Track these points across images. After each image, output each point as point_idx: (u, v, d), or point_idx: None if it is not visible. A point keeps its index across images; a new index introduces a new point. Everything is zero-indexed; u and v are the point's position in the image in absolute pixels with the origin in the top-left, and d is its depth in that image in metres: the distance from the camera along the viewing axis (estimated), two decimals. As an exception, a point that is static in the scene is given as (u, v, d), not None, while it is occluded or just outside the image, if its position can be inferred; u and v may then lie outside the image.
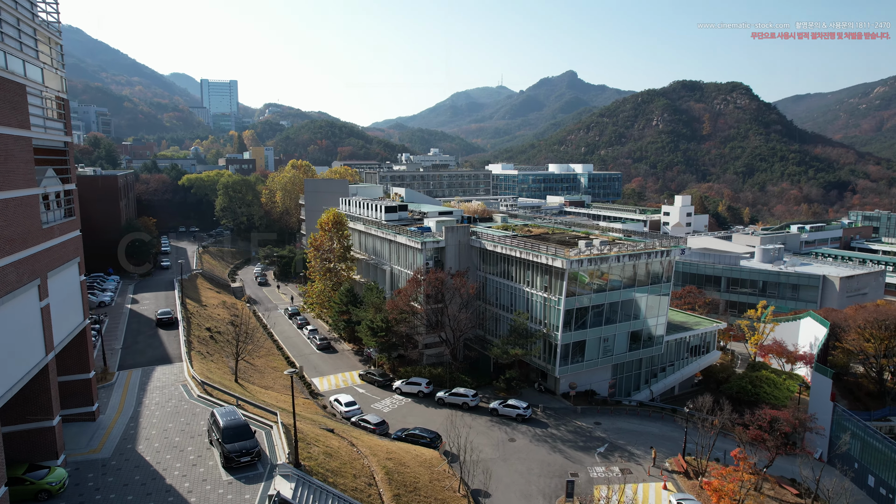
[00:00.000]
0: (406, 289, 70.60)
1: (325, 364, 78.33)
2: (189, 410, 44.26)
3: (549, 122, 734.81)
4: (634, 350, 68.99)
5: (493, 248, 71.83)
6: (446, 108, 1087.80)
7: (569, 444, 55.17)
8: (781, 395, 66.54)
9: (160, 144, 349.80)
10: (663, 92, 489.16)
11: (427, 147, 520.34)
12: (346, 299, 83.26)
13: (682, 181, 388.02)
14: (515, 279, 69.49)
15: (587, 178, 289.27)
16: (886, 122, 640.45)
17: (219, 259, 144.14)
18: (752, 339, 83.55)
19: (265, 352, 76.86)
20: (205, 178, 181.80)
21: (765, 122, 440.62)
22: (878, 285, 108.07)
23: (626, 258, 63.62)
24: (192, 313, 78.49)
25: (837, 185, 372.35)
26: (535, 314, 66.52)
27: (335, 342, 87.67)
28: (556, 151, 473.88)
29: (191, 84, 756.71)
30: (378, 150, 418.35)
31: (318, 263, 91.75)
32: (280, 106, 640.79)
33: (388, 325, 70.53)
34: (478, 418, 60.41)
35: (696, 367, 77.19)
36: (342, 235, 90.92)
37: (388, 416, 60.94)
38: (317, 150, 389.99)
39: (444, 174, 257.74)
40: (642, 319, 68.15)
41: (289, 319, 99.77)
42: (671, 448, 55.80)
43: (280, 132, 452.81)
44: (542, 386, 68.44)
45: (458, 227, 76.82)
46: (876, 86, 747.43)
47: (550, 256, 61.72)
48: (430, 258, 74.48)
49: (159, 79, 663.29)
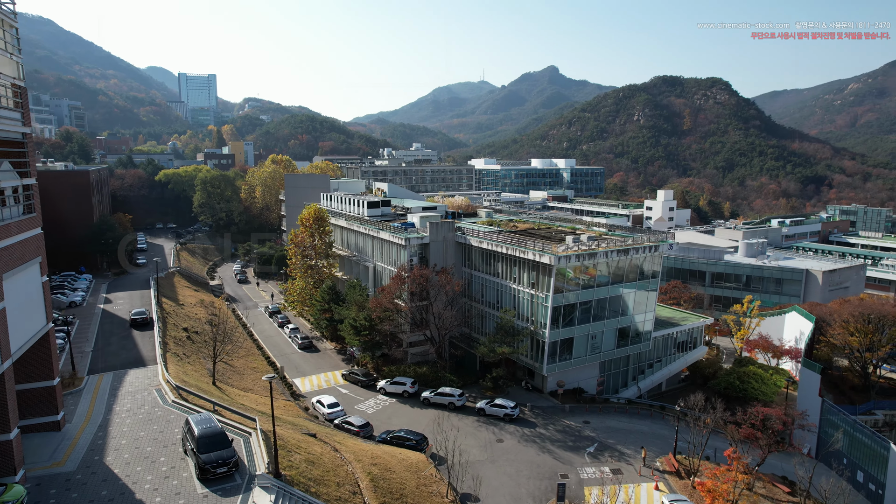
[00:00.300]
0: (390, 286, 68.81)
1: (306, 364, 76.26)
2: (163, 417, 41.96)
3: (530, 117, 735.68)
4: (622, 347, 68.04)
5: (478, 244, 70.29)
6: (428, 102, 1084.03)
7: (558, 444, 53.96)
8: (769, 390, 66.15)
9: (136, 139, 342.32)
10: (644, 87, 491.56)
11: (409, 142, 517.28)
12: (329, 297, 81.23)
13: (663, 176, 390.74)
14: (502, 276, 68.06)
15: (570, 173, 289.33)
16: (860, 117, 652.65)
17: (197, 256, 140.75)
18: (739, 333, 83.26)
19: (245, 352, 74.56)
20: (182, 174, 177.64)
21: (744, 118, 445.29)
22: (859, 279, 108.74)
23: (615, 254, 62.51)
24: (168, 313, 75.85)
25: (814, 180, 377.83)
26: (521, 311, 65.17)
27: (317, 341, 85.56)
28: (538, 146, 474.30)
29: (168, 78, 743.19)
30: (360, 144, 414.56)
31: (298, 260, 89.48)
32: (260, 100, 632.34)
33: (372, 323, 68.72)
34: (464, 418, 58.95)
35: (683, 363, 76.59)
36: (323, 232, 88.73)
37: (373, 417, 59.21)
38: (297, 145, 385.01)
39: (426, 169, 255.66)
40: (630, 316, 67.18)
41: (269, 318, 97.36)
42: (661, 447, 54.90)
43: (260, 127, 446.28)
44: (530, 384, 67.20)
45: (443, 222, 75.15)
46: (850, 82, 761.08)
47: (538, 252, 60.36)
48: (415, 255, 72.74)
49: (135, 72, 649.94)
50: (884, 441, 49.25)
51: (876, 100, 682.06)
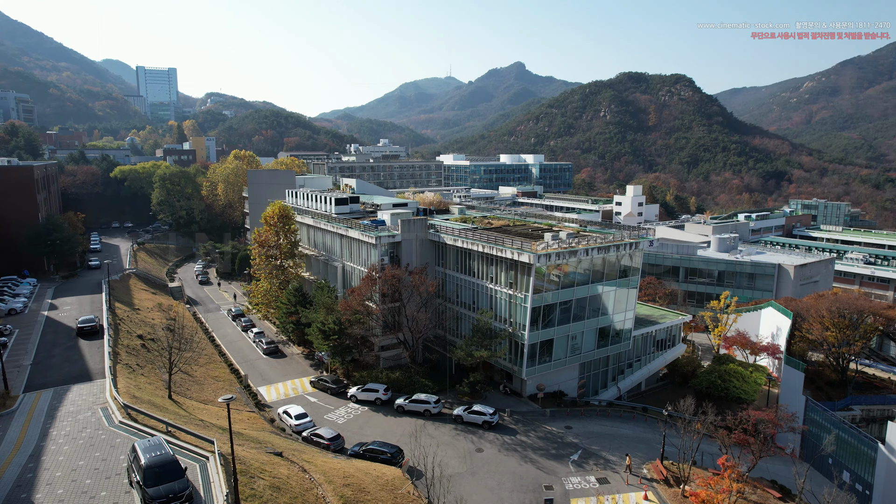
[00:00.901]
0: (360, 287, 65.17)
1: (272, 370, 72.09)
2: (107, 441, 37.50)
3: (498, 112, 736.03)
4: (603, 347, 65.92)
5: (453, 242, 67.16)
6: (395, 98, 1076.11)
7: (540, 452, 51.35)
8: (750, 388, 64.95)
9: (92, 134, 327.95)
10: (610, 83, 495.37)
11: (376, 138, 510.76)
12: (295, 299, 77.08)
13: (629, 171, 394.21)
14: (478, 275, 65.10)
15: (538, 169, 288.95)
16: (815, 115, 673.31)
17: (156, 257, 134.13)
18: (716, 330, 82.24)
19: (206, 359, 69.97)
20: (140, 170, 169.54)
21: (707, 114, 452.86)
22: (829, 272, 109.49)
23: (595, 251, 60.18)
24: (121, 319, 70.60)
25: (775, 175, 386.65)
26: (499, 312, 62.35)
27: (283, 345, 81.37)
28: (506, 142, 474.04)
29: (126, 71, 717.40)
30: (326, 140, 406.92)
31: (263, 261, 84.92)
32: (223, 95, 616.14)
33: (341, 326, 65.02)
34: (441, 427, 55.88)
35: (663, 362, 75.06)
36: (289, 230, 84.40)
37: (344, 427, 55.68)
38: (262, 141, 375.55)
39: (394, 165, 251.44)
40: (610, 315, 65.07)
41: (232, 321, 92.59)
42: (646, 451, 52.85)
43: (223, 122, 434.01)
44: (508, 388, 64.49)
45: (415, 220, 71.79)
46: (805, 81, 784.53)
47: (516, 251, 57.56)
48: (386, 254, 69.23)
49: (90, 65, 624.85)
50: (871, 441, 48.12)
51: (829, 98, 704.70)
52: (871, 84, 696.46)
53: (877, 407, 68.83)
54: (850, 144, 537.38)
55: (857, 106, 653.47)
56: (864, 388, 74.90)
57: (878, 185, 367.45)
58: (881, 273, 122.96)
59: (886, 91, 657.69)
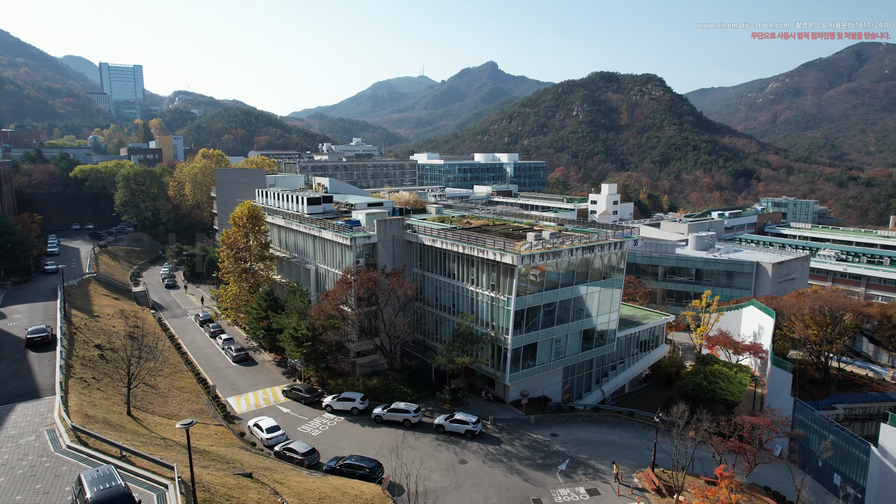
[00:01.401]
0: (334, 291, 61.99)
1: (242, 379, 68.42)
2: (51, 471, 33.63)
3: (471, 112, 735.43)
4: (587, 350, 63.98)
5: (431, 242, 64.45)
6: (367, 97, 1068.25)
7: (526, 462, 49.02)
8: (736, 389, 63.68)
9: (52, 133, 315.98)
10: (582, 83, 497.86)
11: (349, 137, 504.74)
12: (266, 304, 73.45)
13: (602, 170, 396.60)
14: (458, 277, 62.51)
15: (513, 168, 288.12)
16: (780, 115, 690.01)
17: (119, 260, 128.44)
18: (698, 330, 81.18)
19: (171, 369, 66.06)
20: (102, 170, 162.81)
21: (678, 113, 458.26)
22: (804, 270, 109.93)
23: (580, 251, 58.14)
24: (77, 328, 66.11)
25: (744, 174, 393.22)
26: (481, 316, 59.87)
27: (254, 352, 77.66)
28: (479, 141, 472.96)
29: (89, 68, 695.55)
30: (298, 139, 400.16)
31: (231, 263, 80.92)
32: (191, 94, 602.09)
33: (315, 332, 61.78)
34: (422, 437, 53.16)
35: (647, 363, 73.62)
36: (259, 231, 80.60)
37: (319, 440, 52.58)
38: (231, 140, 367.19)
39: (368, 164, 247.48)
40: (595, 316, 63.16)
41: (200, 327, 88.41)
42: (635, 459, 50.99)
43: (191, 121, 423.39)
44: (490, 394, 62.06)
45: (392, 220, 68.88)
46: (770, 81, 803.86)
47: (499, 252, 55.14)
48: (361, 255, 66.20)
49: (50, 61, 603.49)
50: (864, 444, 47.00)
51: (793, 98, 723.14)
52: (831, 85, 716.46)
53: (859, 405, 68.37)
54: (814, 144, 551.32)
55: (819, 106, 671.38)
56: (846, 386, 74.59)
57: (841, 184, 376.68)
58: (853, 270, 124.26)
59: (846, 92, 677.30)
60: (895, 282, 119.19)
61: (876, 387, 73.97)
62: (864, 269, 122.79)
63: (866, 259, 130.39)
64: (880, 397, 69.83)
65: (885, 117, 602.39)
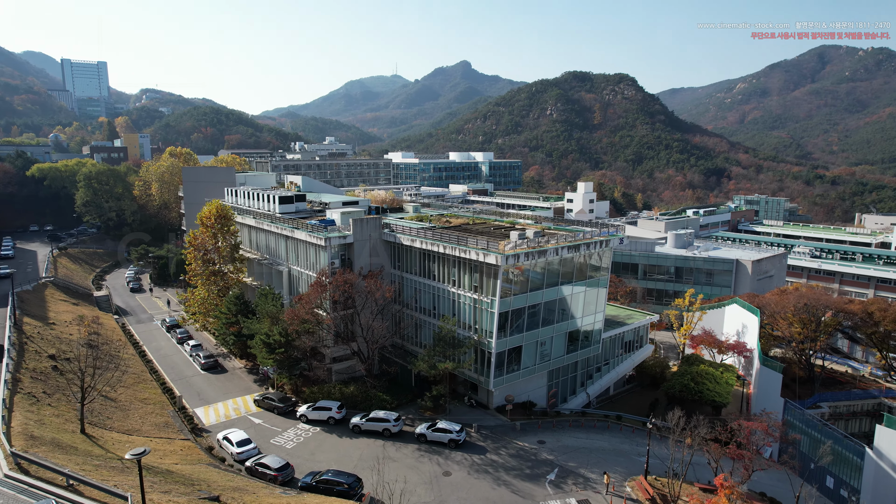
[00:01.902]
0: (308, 294, 58.80)
1: (211, 388, 64.73)
2: (-13, 504, 30.09)
3: (444, 111, 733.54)
4: (572, 352, 61.97)
5: (410, 242, 61.65)
6: (340, 96, 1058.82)
7: (513, 472, 46.65)
8: (723, 390, 62.42)
9: (9, 131, 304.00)
10: (556, 82, 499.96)
11: (321, 136, 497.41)
12: (236, 308, 69.76)
13: (576, 169, 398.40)
14: (439, 278, 59.84)
15: (488, 167, 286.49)
16: (748, 115, 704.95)
17: (81, 263, 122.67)
18: (682, 329, 79.99)
19: (133, 378, 62.11)
20: (62, 168, 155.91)
21: (650, 112, 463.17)
22: (782, 267, 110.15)
23: (565, 250, 56.01)
24: (29, 337, 61.64)
25: (715, 172, 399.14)
26: (463, 318, 57.32)
27: (224, 359, 73.95)
28: (453, 140, 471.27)
29: (50, 64, 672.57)
30: (269, 138, 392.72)
31: (199, 266, 76.96)
32: (159, 92, 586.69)
33: (288, 338, 58.56)
34: (403, 448, 50.43)
35: (631, 364, 72.01)
36: (228, 232, 76.84)
37: (293, 453, 49.46)
38: (201, 139, 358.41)
39: (341, 163, 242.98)
40: (580, 317, 61.16)
41: (167, 333, 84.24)
42: (626, 466, 49.03)
43: (159, 119, 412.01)
44: (473, 400, 59.57)
45: (368, 219, 65.86)
46: (737, 82, 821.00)
47: (481, 251, 52.64)
48: (336, 256, 63.07)
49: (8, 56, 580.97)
50: (858, 446, 45.82)
51: (760, 99, 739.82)
52: (796, 86, 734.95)
53: (843, 403, 67.84)
54: (781, 143, 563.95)
55: (784, 107, 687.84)
56: (829, 383, 74.13)
57: (808, 182, 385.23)
58: (827, 266, 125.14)
59: (810, 93, 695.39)
60: (868, 278, 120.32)
61: (859, 384, 73.67)
62: (837, 266, 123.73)
63: (839, 256, 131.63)
64: (864, 395, 69.44)
65: (847, 118, 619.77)
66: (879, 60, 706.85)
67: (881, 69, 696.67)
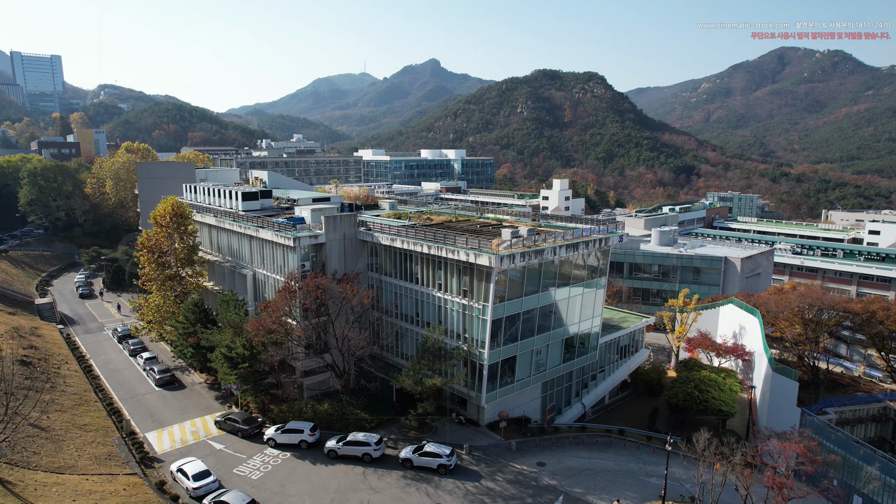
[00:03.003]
0: (276, 301, 52.14)
1: (166, 408, 57.48)
2: None
3: (414, 109, 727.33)
4: (569, 360, 56.78)
5: (390, 242, 55.51)
6: (308, 94, 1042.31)
7: (514, 502, 41.04)
8: (729, 398, 57.96)
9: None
10: (526, 80, 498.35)
11: (289, 134, 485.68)
12: (194, 316, 62.54)
13: (548, 167, 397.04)
14: (423, 282, 53.87)
15: (460, 164, 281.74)
16: (712, 114, 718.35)
17: (24, 267, 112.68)
18: (677, 331, 75.65)
19: (73, 400, 54.51)
20: (3, 164, 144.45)
21: (619, 111, 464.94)
22: (769, 264, 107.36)
23: (563, 249, 50.66)
24: (-49, 354, 53.45)
25: (685, 170, 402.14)
26: (451, 327, 51.47)
27: (182, 373, 66.62)
28: (424, 138, 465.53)
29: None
30: (235, 136, 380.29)
31: (153, 269, 69.30)
32: (119, 88, 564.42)
33: (253, 351, 51.89)
34: (386, 475, 44.37)
35: (627, 371, 67.28)
36: (185, 232, 69.42)
37: (260, 485, 42.93)
38: (163, 136, 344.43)
39: (310, 160, 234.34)
40: (578, 322, 55.97)
41: (119, 344, 76.40)
42: (637, 490, 43.87)
43: (118, 116, 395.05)
44: (462, 416, 53.76)
45: (342, 216, 59.40)
46: (702, 82, 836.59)
47: (472, 251, 46.86)
48: (307, 258, 56.55)
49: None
50: (891, 463, 41.57)
51: (723, 98, 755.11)
52: (758, 87, 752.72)
53: (849, 408, 64.23)
54: (745, 142, 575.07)
55: (747, 106, 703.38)
56: (831, 387, 70.60)
57: (774, 179, 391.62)
58: (810, 263, 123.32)
59: (771, 94, 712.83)
60: (850, 274, 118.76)
61: (863, 387, 70.37)
62: (820, 263, 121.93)
63: (821, 252, 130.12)
64: (868, 398, 66.02)
65: (807, 117, 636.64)
66: (835, 62, 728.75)
67: (837, 71, 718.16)
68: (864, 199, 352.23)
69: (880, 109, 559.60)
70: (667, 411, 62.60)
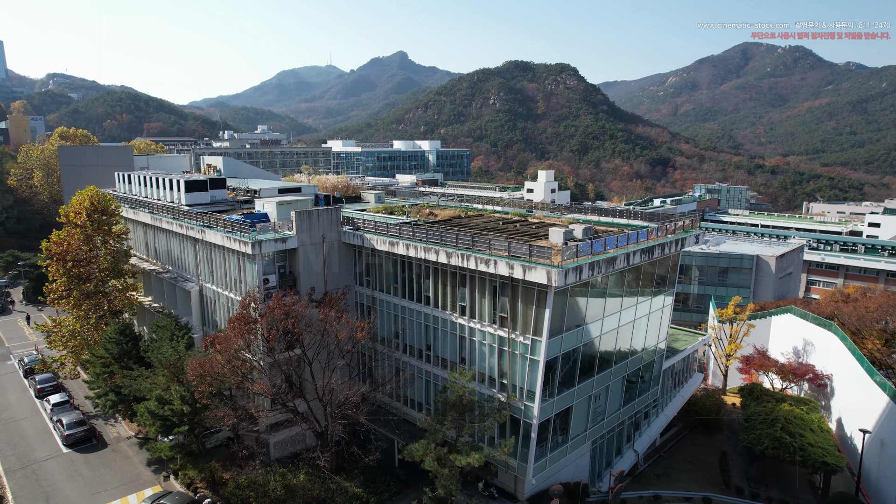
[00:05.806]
0: (228, 333, 36.29)
1: (72, 484, 40.99)
2: None
3: (382, 102, 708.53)
4: (629, 402, 42.56)
5: (389, 247, 40.13)
6: (273, 86, 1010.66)
7: None
8: (825, 443, 44.61)
9: None
10: (497, 71, 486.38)
11: (253, 126, 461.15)
12: (118, 349, 45.95)
13: (522, 159, 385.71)
14: (436, 303, 38.71)
15: (435, 156, 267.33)
16: (680, 107, 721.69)
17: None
18: (728, 348, 62.30)
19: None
20: None
21: (592, 103, 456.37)
22: (799, 263, 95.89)
23: (637, 255, 36.19)
24: None
25: (660, 162, 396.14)
26: (481, 367, 36.52)
27: (106, 421, 50.10)
28: (394, 130, 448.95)
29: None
30: (196, 127, 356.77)
31: (65, 283, 52.25)
32: (70, 77, 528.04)
33: (195, 406, 36.08)
34: None
35: (681, 402, 53.39)
36: (110, 233, 52.70)
37: None
38: (115, 126, 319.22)
39: (276, 151, 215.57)
40: (642, 351, 41.76)
41: (24, 380, 58.99)
42: None
43: (67, 105, 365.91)
44: (493, 486, 38.90)
45: (319, 211, 43.55)
46: (668, 76, 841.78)
47: (520, 263, 31.93)
48: (272, 270, 40.81)
49: None
50: None
51: (690, 92, 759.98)
52: (723, 81, 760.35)
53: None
54: (714, 135, 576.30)
55: (714, 100, 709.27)
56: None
57: (749, 171, 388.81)
58: (831, 259, 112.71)
59: (736, 87, 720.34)
60: (877, 271, 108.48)
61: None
62: (843, 259, 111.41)
63: (839, 247, 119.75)
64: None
65: (771, 111, 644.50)
66: (796, 58, 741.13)
67: (798, 66, 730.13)
68: (839, 190, 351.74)
69: (840, 104, 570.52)
70: (742, 457, 49.02)
